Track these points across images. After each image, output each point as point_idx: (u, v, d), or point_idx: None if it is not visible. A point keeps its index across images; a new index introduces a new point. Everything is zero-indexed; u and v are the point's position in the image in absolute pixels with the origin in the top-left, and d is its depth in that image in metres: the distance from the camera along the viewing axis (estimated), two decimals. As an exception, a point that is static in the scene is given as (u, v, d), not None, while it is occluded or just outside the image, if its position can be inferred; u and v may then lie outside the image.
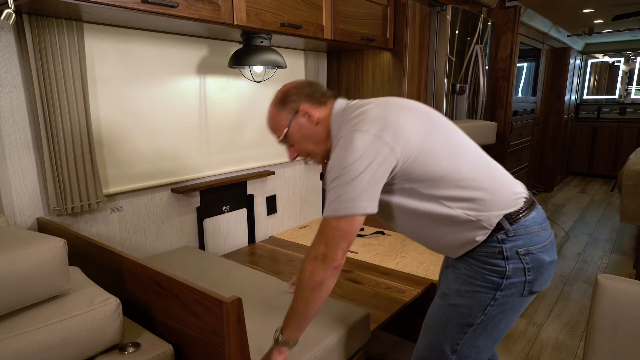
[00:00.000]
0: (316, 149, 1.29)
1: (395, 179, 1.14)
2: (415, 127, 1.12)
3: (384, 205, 1.20)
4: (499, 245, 1.14)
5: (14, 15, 1.26)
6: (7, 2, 1.24)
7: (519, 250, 1.14)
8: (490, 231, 1.14)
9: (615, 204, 5.07)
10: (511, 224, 1.14)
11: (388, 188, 1.16)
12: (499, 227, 1.14)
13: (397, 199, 1.18)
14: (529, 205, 1.17)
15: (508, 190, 1.17)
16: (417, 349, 1.31)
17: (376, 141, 1.08)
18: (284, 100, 1.26)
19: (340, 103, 1.25)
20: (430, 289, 1.98)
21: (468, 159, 1.16)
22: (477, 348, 1.22)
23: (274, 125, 1.29)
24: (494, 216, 1.13)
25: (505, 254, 1.14)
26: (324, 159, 1.31)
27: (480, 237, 1.15)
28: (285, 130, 1.26)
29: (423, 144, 1.12)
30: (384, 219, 1.27)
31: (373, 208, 1.09)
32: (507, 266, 1.14)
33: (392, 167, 1.10)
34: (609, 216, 4.61)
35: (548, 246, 1.17)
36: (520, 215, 1.15)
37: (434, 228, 1.19)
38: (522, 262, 1.14)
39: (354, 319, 1.47)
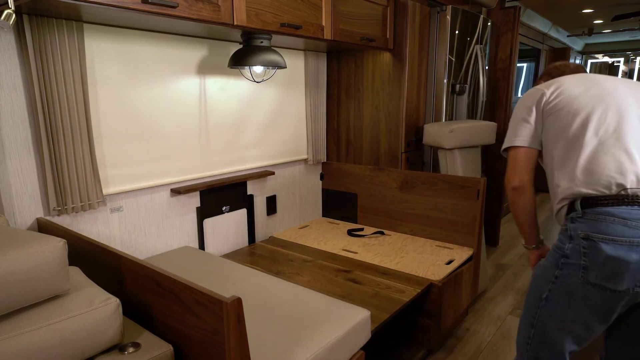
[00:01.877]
0: None
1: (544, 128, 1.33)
2: (575, 83, 1.30)
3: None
4: (567, 223, 1.23)
5: (14, 15, 1.26)
6: (7, 2, 1.24)
7: (580, 232, 1.17)
8: (567, 204, 1.24)
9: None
10: (584, 207, 1.18)
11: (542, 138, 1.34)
12: (572, 205, 1.22)
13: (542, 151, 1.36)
14: (623, 199, 1.14)
15: (606, 174, 1.17)
16: None
17: (536, 89, 1.35)
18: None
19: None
20: (430, 289, 1.98)
21: (598, 125, 1.21)
22: (551, 331, 1.26)
23: None
24: (570, 193, 1.22)
25: (569, 232, 1.21)
26: None
27: (557, 204, 1.28)
28: None
29: (571, 95, 1.28)
30: None
31: (527, 143, 1.34)
32: (567, 244, 1.21)
33: (543, 107, 1.32)
34: None
35: (620, 242, 1.11)
36: (600, 203, 1.15)
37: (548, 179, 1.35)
38: (579, 245, 1.17)
39: (354, 319, 1.47)
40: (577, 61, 6.75)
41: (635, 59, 6.59)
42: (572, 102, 1.26)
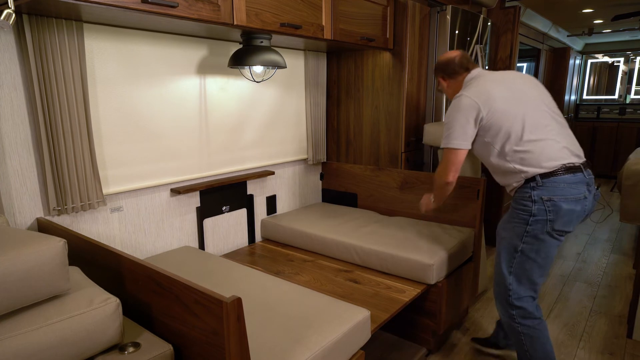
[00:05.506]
0: (449, 96, 1.96)
1: (479, 132, 1.72)
2: (501, 96, 1.67)
3: (473, 150, 1.80)
4: (529, 191, 1.65)
5: (14, 15, 1.26)
6: (7, 2, 1.24)
7: (543, 197, 1.62)
8: (524, 180, 1.66)
9: (615, 204, 5.07)
10: (542, 178, 1.63)
11: (475, 138, 1.74)
12: (532, 178, 1.64)
13: (478, 148, 1.77)
14: (567, 170, 1.62)
15: (551, 157, 1.64)
16: (493, 277, 1.87)
17: (472, 102, 1.68)
18: (434, 70, 2.08)
19: (472, 74, 1.84)
20: (430, 289, 1.98)
21: (532, 128, 1.65)
22: (527, 271, 1.71)
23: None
24: (531, 172, 1.64)
25: (532, 198, 1.64)
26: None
27: (516, 183, 1.70)
28: (437, 85, 2.04)
29: (503, 109, 1.66)
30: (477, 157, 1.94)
31: (467, 146, 1.73)
32: (532, 207, 1.64)
33: (480, 121, 1.69)
34: (609, 216, 4.61)
35: (570, 199, 1.62)
36: (552, 175, 1.62)
37: (494, 168, 1.78)
38: (544, 205, 1.62)
39: (354, 319, 1.47)
40: (577, 61, 6.75)
41: (635, 59, 6.59)
42: (505, 114, 1.66)
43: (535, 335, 1.76)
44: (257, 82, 2.30)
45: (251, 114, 2.41)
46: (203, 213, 2.24)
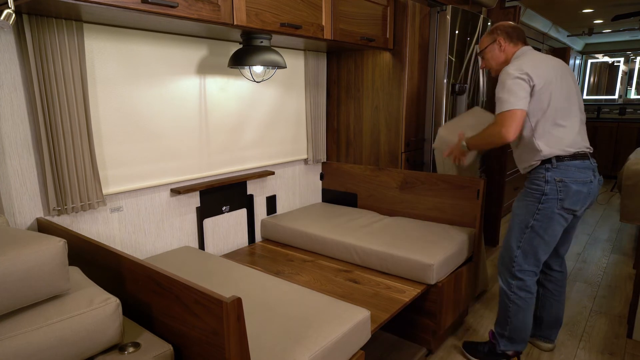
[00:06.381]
0: (494, 67, 2.02)
1: None
2: (547, 77, 1.79)
3: None
4: (543, 172, 1.83)
5: (14, 15, 1.26)
6: (7, 2, 1.24)
7: (556, 178, 1.80)
8: (541, 160, 1.83)
9: (615, 204, 5.07)
10: (557, 161, 1.81)
11: None
12: (548, 161, 1.82)
13: None
14: (577, 156, 1.81)
15: (568, 144, 1.81)
16: (500, 249, 2.04)
17: (525, 74, 1.77)
18: (491, 30, 1.99)
19: (524, 49, 1.93)
20: (430, 289, 1.98)
21: (563, 114, 1.81)
22: (534, 247, 1.89)
23: (480, 44, 2.05)
24: (548, 153, 1.81)
25: (546, 179, 1.82)
26: (496, 74, 1.99)
27: (534, 162, 1.85)
28: (484, 48, 2.01)
29: (546, 89, 1.78)
30: None
31: (524, 107, 1.77)
32: (545, 187, 1.82)
33: (531, 90, 1.77)
34: (609, 216, 4.61)
35: (579, 181, 1.80)
36: (566, 159, 1.81)
37: (519, 141, 1.91)
38: (556, 186, 1.80)
39: (354, 319, 1.47)
40: (577, 61, 6.75)
41: (635, 59, 6.59)
42: (547, 93, 1.79)
43: (523, 307, 1.94)
44: (257, 82, 2.30)
45: (251, 114, 2.41)
46: (203, 213, 2.24)
